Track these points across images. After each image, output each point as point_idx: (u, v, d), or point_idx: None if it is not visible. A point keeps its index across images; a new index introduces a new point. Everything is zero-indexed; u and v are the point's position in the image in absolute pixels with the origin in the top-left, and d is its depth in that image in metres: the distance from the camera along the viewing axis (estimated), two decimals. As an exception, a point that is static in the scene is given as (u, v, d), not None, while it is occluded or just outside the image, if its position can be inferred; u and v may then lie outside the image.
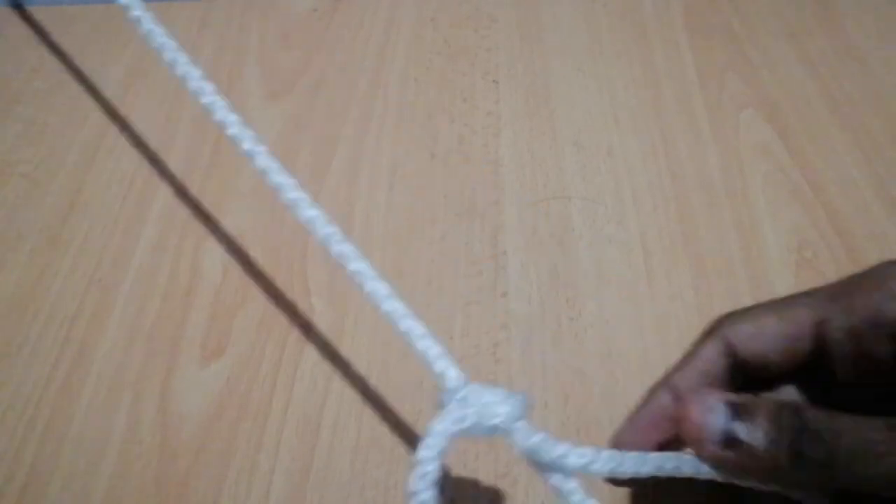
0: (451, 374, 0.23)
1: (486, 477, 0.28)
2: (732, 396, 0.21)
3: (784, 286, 0.33)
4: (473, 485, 0.28)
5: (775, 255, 0.34)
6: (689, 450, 0.22)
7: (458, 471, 0.29)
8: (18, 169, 0.40)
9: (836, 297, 0.22)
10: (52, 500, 0.29)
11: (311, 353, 0.32)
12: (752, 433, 0.20)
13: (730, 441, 0.20)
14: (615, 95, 0.41)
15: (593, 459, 0.21)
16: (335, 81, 0.43)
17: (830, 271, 0.34)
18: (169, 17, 0.46)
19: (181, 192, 0.38)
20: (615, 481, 0.24)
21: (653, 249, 0.35)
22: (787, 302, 0.23)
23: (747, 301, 0.33)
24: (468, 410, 0.22)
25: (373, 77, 0.43)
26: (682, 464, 0.22)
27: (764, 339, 0.23)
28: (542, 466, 0.22)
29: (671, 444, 0.23)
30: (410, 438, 0.30)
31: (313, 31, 0.46)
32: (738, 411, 0.21)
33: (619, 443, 0.24)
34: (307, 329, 0.33)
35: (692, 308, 0.33)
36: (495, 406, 0.22)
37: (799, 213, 0.36)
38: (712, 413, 0.21)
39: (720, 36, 0.44)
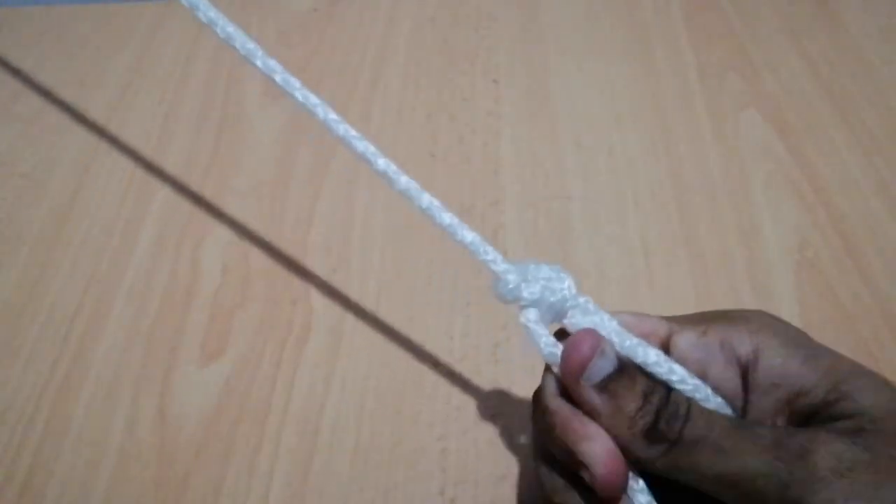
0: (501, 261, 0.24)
1: (485, 478, 0.28)
2: (619, 352, 0.21)
3: (785, 286, 0.33)
4: (474, 484, 0.28)
5: (776, 255, 0.34)
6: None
7: (459, 473, 0.29)
8: (17, 169, 0.39)
9: (692, 320, 0.23)
10: (50, 501, 0.28)
11: (311, 354, 0.32)
12: (626, 392, 0.20)
13: (603, 388, 0.20)
14: (616, 95, 0.41)
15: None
16: (335, 80, 0.43)
17: (831, 271, 0.33)
18: (168, 15, 0.47)
19: (180, 191, 0.38)
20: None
21: (653, 250, 0.35)
22: (646, 313, 0.24)
23: (748, 301, 0.33)
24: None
25: (372, 76, 0.43)
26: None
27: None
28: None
29: None
30: (410, 439, 0.30)
31: (313, 31, 0.46)
32: (622, 367, 0.21)
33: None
34: (307, 329, 0.33)
35: (692, 308, 0.32)
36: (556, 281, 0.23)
37: (800, 212, 0.36)
38: (602, 357, 0.21)
39: (720, 35, 0.44)
